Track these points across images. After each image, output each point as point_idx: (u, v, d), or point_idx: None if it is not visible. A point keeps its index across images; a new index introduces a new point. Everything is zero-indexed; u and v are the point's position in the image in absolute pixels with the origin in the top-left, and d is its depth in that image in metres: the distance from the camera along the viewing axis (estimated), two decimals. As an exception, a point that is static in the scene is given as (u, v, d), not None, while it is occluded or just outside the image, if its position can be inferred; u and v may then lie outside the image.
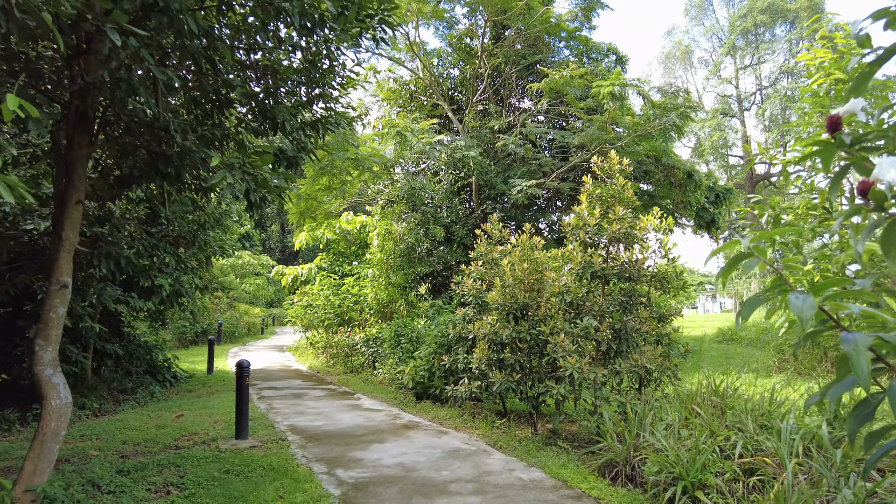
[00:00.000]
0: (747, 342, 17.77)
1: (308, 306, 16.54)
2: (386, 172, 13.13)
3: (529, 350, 7.01)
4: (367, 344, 13.33)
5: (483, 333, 6.99)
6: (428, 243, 13.19)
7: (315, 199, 13.14)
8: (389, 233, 15.12)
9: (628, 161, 6.55)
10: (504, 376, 6.76)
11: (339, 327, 16.10)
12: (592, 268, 6.23)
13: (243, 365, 6.80)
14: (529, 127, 11.98)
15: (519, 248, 7.11)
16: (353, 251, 20.38)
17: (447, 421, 8.03)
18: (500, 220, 10.65)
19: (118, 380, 10.52)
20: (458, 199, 13.25)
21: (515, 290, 6.98)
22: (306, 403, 9.50)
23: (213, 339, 13.28)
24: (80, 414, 8.76)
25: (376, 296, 15.59)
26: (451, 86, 15.62)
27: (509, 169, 13.01)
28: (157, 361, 11.75)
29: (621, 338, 6.41)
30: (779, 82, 49.06)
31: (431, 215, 12.59)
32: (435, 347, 9.18)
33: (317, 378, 12.89)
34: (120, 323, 11.42)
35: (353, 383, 11.87)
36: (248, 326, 24.73)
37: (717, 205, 14.46)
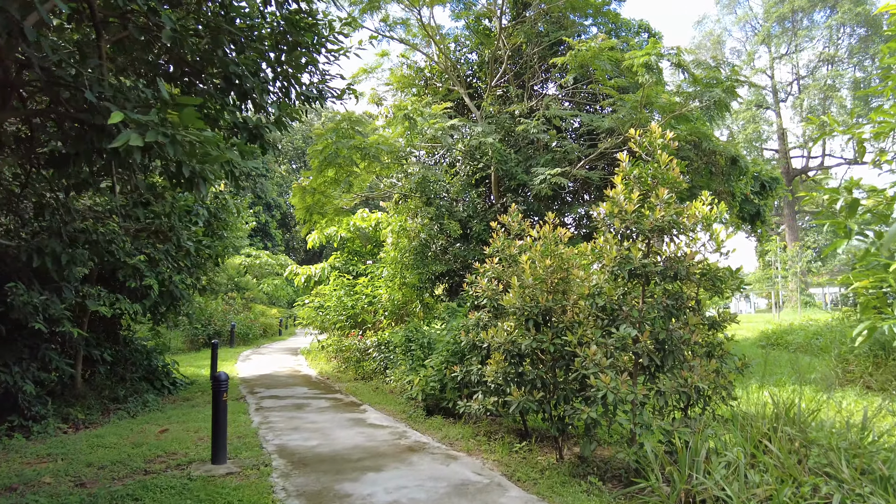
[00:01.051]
0: (794, 347, 16.28)
1: (319, 307, 15.70)
2: (398, 164, 12.16)
3: (553, 363, 5.93)
4: (379, 349, 12.39)
5: (498, 342, 5.93)
6: (443, 240, 12.18)
7: (322, 194, 12.25)
8: (404, 229, 14.17)
9: (672, 135, 5.40)
10: (523, 394, 5.69)
11: (351, 330, 15.22)
12: (631, 264, 5.12)
13: (220, 378, 5.89)
14: (554, 108, 10.84)
15: (540, 241, 6.03)
16: (368, 250, 19.51)
17: (458, 442, 7.00)
18: (522, 215, 9.68)
19: (110, 387, 9.80)
20: (476, 193, 12.20)
21: (536, 292, 5.90)
22: (306, 417, 8.59)
23: (217, 343, 12.53)
24: (60, 427, 8.03)
25: (391, 297, 14.66)
26: (468, 71, 14.57)
27: (531, 158, 11.90)
28: (156, 367, 11.01)
29: (665, 350, 5.28)
30: (818, 71, 46.55)
31: (447, 209, 11.57)
32: (447, 356, 8.16)
33: (324, 386, 12.01)
34: (117, 326, 10.73)
35: (362, 392, 10.94)
36: (265, 328, 24.11)
37: (762, 196, 13.08)
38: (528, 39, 12.55)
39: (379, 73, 14.94)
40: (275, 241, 44.84)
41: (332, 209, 13.53)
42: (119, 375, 10.18)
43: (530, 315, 5.76)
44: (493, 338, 6.02)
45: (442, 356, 8.18)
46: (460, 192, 11.91)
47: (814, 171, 46.39)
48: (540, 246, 5.95)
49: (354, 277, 17.73)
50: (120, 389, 9.82)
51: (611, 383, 4.91)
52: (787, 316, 29.79)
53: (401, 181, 13.40)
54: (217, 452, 5.84)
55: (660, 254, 5.50)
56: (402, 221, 14.17)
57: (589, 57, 9.17)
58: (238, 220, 12.54)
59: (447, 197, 12.17)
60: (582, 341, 5.44)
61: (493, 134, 10.73)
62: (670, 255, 5.39)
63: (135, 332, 11.88)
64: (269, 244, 43.04)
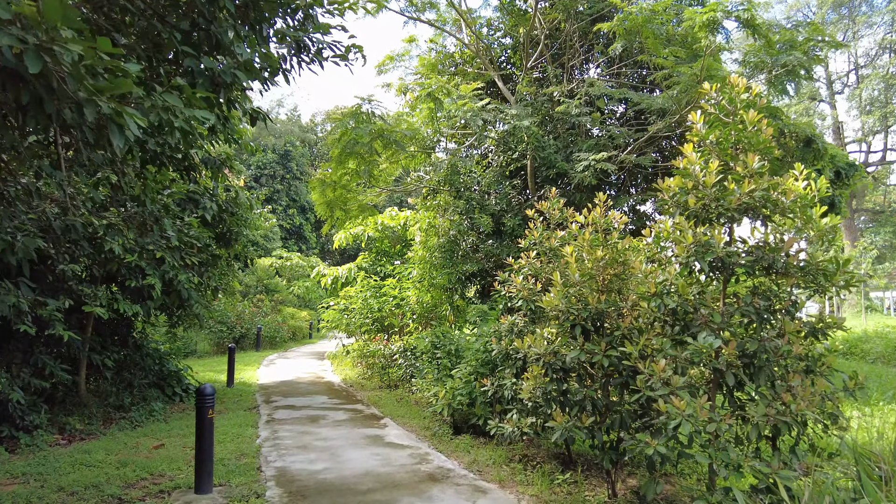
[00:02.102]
0: (873, 357, 14.48)
1: (344, 310, 14.85)
2: (424, 155, 11.16)
3: (606, 379, 4.79)
4: (404, 355, 11.41)
5: (537, 353, 4.83)
6: (474, 237, 11.12)
7: (344, 188, 11.36)
8: (433, 227, 13.17)
9: (761, 88, 4.20)
10: (569, 419, 4.56)
11: (377, 334, 14.30)
12: (712, 252, 3.93)
13: (204, 392, 4.99)
14: (598, 86, 9.62)
15: (589, 228, 4.90)
16: (397, 250, 18.61)
17: (489, 469, 5.91)
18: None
19: (116, 394, 9.13)
20: (510, 185, 11.07)
21: (585, 291, 4.78)
22: (318, 432, 7.65)
23: (234, 348, 11.80)
24: (54, 438, 7.33)
25: (419, 299, 13.67)
26: (501, 56, 13.47)
27: (571, 145, 10.71)
28: (168, 373, 10.32)
29: (754, 364, 4.06)
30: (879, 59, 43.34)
31: (477, 203, 10.50)
32: (476, 366, 7.08)
33: (346, 394, 11.09)
34: (128, 329, 10.11)
35: (385, 403, 9.96)
36: (294, 331, 23.53)
37: (837, 184, 11.50)
38: (568, 16, 11.38)
39: (407, 61, 14.02)
40: (309, 244, 44.66)
41: (355, 205, 12.64)
42: (126, 381, 9.51)
43: (577, 320, 4.63)
44: (529, 347, 4.92)
45: (470, 366, 7.11)
46: (492, 184, 10.82)
47: (874, 167, 43.19)
48: (589, 234, 4.82)
49: (382, 279, 16.84)
50: (126, 397, 9.13)
51: (686, 409, 3.75)
52: (850, 322, 27.46)
53: (429, 174, 12.40)
54: (200, 480, 4.93)
55: (745, 241, 4.29)
56: (431, 218, 13.17)
57: (640, 21, 7.94)
58: (257, 218, 11.79)
59: (478, 190, 11.10)
60: (645, 353, 4.28)
61: (529, 118, 9.61)
62: (759, 243, 4.17)
63: (147, 336, 11.28)
64: (303, 247, 42.88)
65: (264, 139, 45.88)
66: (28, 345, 7.59)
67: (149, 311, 8.52)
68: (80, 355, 8.25)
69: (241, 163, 41.97)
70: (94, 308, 7.26)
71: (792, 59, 7.39)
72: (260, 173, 42.15)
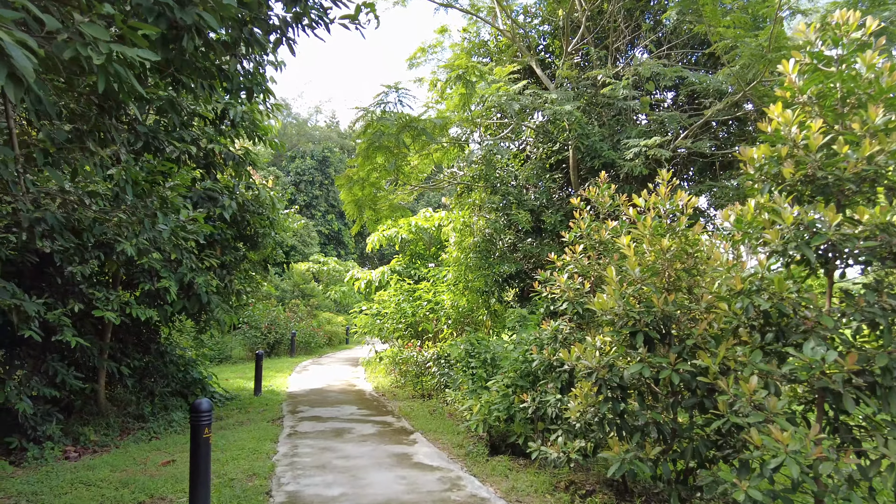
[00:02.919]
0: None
1: (377, 315, 14.23)
2: (458, 150, 10.42)
3: (675, 399, 3.88)
4: (437, 363, 10.65)
5: (588, 367, 3.97)
6: (511, 235, 10.27)
7: (373, 185, 10.74)
8: (467, 226, 12.39)
9: (878, 23, 3.24)
10: (628, 448, 3.69)
11: (411, 340, 13.62)
12: (821, 237, 3.01)
13: (199, 409, 4.36)
14: (647, 65, 8.64)
15: (651, 213, 4.02)
16: (432, 252, 17.93)
17: (530, 498, 5.06)
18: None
19: (136, 403, 8.73)
20: (551, 178, 10.18)
21: (646, 291, 3.90)
22: (342, 449, 6.97)
23: (261, 354, 11.33)
24: (64, 451, 6.93)
25: (454, 303, 12.91)
26: (539, 43, 12.61)
27: (618, 133, 9.74)
28: (193, 380, 9.90)
29: (880, 384, 3.10)
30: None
31: (515, 198, 9.67)
32: (514, 377, 6.24)
33: (376, 404, 10.42)
34: (152, 334, 9.76)
35: (417, 415, 9.22)
36: (330, 336, 23.15)
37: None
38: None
39: (440, 52, 13.35)
40: (348, 249, 44.67)
41: (385, 205, 12.01)
42: (148, 389, 9.12)
43: (639, 326, 3.75)
44: (578, 359, 4.06)
45: (508, 378, 6.27)
46: (531, 178, 9.96)
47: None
48: (651, 221, 3.94)
49: (416, 282, 16.18)
50: (147, 406, 8.73)
51: (791, 443, 2.83)
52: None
53: (462, 170, 11.65)
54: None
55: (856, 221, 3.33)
56: (465, 217, 12.41)
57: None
58: (284, 219, 11.31)
59: (515, 185, 10.26)
60: (727, 367, 3.38)
61: (571, 102, 8.73)
62: (882, 224, 3.20)
63: (173, 342, 10.93)
64: (342, 252, 42.89)
65: (303, 145, 46.27)
66: (41, 351, 7.24)
67: (167, 316, 8.05)
68: (99, 362, 7.85)
69: (281, 169, 42.47)
70: (105, 313, 6.82)
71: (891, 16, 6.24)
72: (299, 179, 42.46)
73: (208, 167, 8.79)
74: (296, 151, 45.16)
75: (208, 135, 8.54)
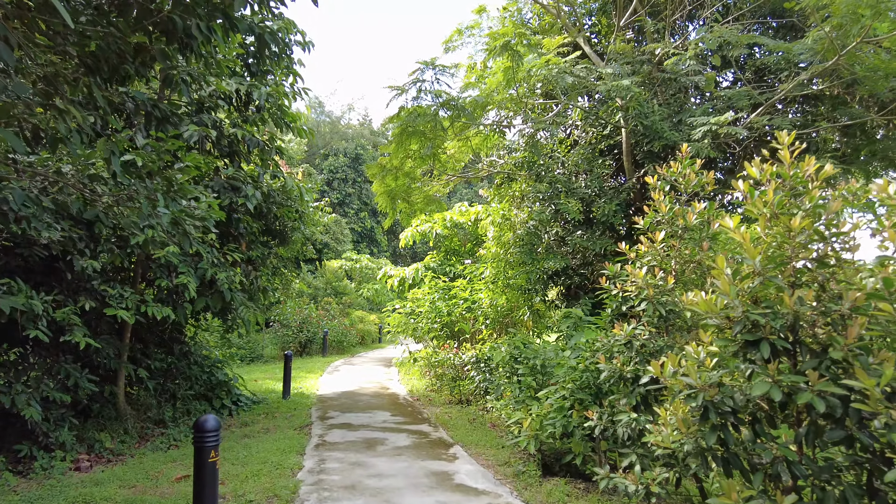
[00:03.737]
0: None
1: (411, 314, 13.50)
2: (499, 136, 9.55)
3: (813, 428, 2.95)
4: (477, 366, 9.83)
5: (690, 385, 3.07)
6: (558, 227, 9.35)
7: (407, 175, 9.98)
8: (507, 220, 11.53)
9: None
10: (752, 496, 2.78)
11: (446, 341, 12.83)
12: None
13: (205, 427, 3.64)
14: (718, 31, 7.58)
15: (772, 185, 3.08)
16: (468, 248, 17.11)
17: (600, 540, 4.19)
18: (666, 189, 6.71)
19: (157, 407, 8.21)
20: (604, 162, 9.20)
21: (762, 288, 2.97)
22: (374, 464, 6.22)
23: (290, 355, 10.73)
24: (74, 460, 6.40)
25: (492, 302, 12.06)
26: (584, 19, 11.61)
27: (680, 112, 8.70)
28: (218, 383, 9.35)
29: None
30: None
31: (563, 186, 8.74)
32: (573, 389, 5.35)
33: (411, 410, 9.66)
34: (177, 334, 9.25)
35: (456, 423, 8.42)
36: (363, 335, 22.60)
37: None
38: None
39: (477, 35, 12.49)
40: (381, 247, 44.34)
41: (420, 197, 11.24)
42: (170, 392, 8.59)
43: (763, 332, 2.83)
44: (675, 374, 3.16)
45: (565, 389, 5.39)
46: (581, 164, 9.01)
47: None
48: (773, 195, 3.00)
49: (451, 279, 15.39)
50: (168, 410, 8.19)
51: None
52: None
53: (503, 158, 10.78)
54: (199, 548, 3.58)
55: None
56: (505, 210, 11.54)
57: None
58: (314, 213, 10.66)
59: (563, 171, 9.32)
60: (892, 390, 2.44)
61: (628, 76, 7.76)
62: None
63: (198, 342, 10.44)
64: (374, 250, 42.55)
65: (336, 143, 46.19)
66: (55, 352, 6.73)
67: (186, 315, 7.47)
68: (115, 364, 7.32)
69: (314, 167, 42.37)
70: (118, 311, 6.24)
71: None
72: (332, 177, 42.34)
73: (232, 155, 8.18)
74: (329, 150, 45.10)
75: (233, 118, 7.93)
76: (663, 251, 4.32)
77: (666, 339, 4.10)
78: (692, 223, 4.15)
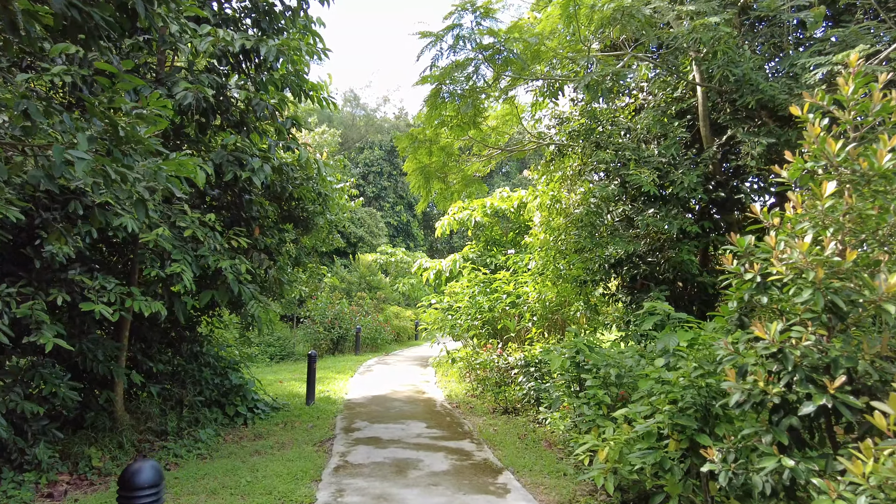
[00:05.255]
0: None
1: (448, 309, 12.21)
2: (550, 98, 8.09)
3: None
4: (526, 371, 8.44)
5: None
6: (624, 205, 7.84)
7: (443, 150, 8.64)
8: (557, 202, 10.07)
9: None
10: None
11: (488, 340, 11.48)
12: None
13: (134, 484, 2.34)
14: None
15: None
16: (510, 238, 15.67)
17: None
18: (763, 160, 5.41)
19: (160, 415, 7.18)
20: (680, 125, 7.61)
21: None
22: (404, 499, 4.94)
23: (315, 355, 9.59)
24: (49, 482, 5.38)
25: (540, 296, 10.65)
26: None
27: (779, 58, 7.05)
28: (232, 387, 8.29)
29: None
30: None
31: (632, 154, 7.23)
32: (673, 413, 3.90)
33: (450, 421, 8.35)
34: (188, 332, 8.25)
35: (503, 440, 7.06)
36: (398, 332, 21.48)
37: None
38: None
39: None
40: (417, 242, 43.33)
41: (458, 177, 9.89)
42: (176, 398, 7.55)
43: None
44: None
45: (662, 415, 3.94)
46: (653, 128, 7.45)
47: None
48: None
49: (492, 271, 14.01)
50: (172, 419, 7.14)
51: None
52: None
53: (554, 128, 9.31)
54: None
55: None
56: (555, 191, 10.08)
57: None
58: (339, 195, 9.47)
59: (630, 138, 7.77)
60: None
61: (716, 15, 6.19)
62: None
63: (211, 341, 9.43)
64: (410, 244, 41.56)
65: (371, 136, 45.45)
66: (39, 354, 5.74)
67: (185, 311, 6.37)
68: (103, 368, 6.28)
69: (349, 160, 41.65)
70: (95, 306, 5.15)
71: None
72: (367, 171, 41.56)
73: (241, 126, 7.03)
74: (364, 143, 44.39)
75: (240, 82, 6.77)
76: (826, 214, 2.84)
77: (844, 346, 2.63)
78: (884, 166, 2.65)
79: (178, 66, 7.01)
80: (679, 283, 8.62)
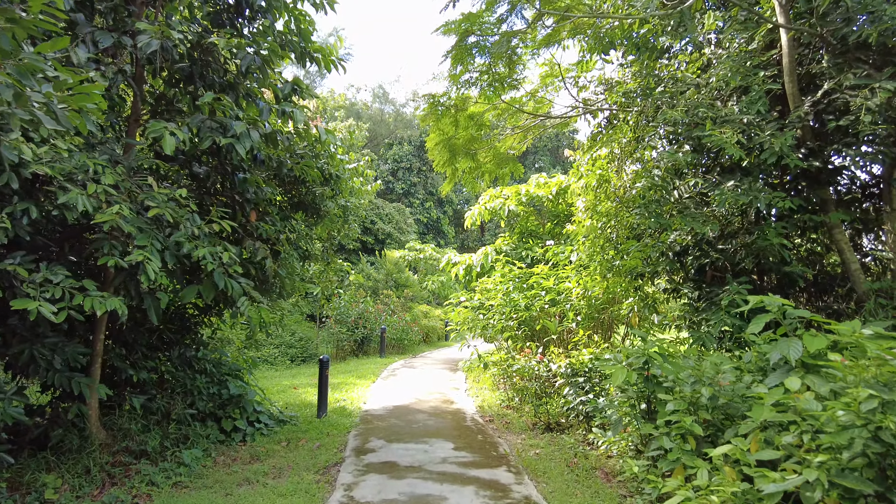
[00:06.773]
0: None
1: (479, 308, 10.90)
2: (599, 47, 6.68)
3: None
4: (574, 382, 7.05)
5: None
6: (696, 178, 6.36)
7: (471, 120, 7.34)
8: (606, 182, 8.65)
9: None
10: None
11: (526, 342, 10.11)
12: None
13: None
14: None
15: None
16: (548, 229, 14.23)
17: None
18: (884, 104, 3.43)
19: (142, 431, 6.10)
20: (764, 77, 6.08)
21: None
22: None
23: (327, 360, 8.43)
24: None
25: (585, 291, 9.23)
26: None
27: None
28: (228, 397, 7.19)
29: None
30: None
31: (707, 110, 5.77)
32: (829, 466, 2.51)
33: (482, 440, 7.04)
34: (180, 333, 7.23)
35: (548, 469, 5.71)
36: (426, 332, 20.28)
37: None
38: None
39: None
40: (447, 239, 42.14)
41: (489, 155, 8.56)
42: (163, 411, 6.48)
43: None
44: None
45: (812, 471, 2.54)
46: (732, 79, 5.94)
47: None
48: None
49: (528, 266, 12.62)
50: (155, 436, 6.05)
51: None
52: None
53: (603, 94, 7.89)
54: None
55: None
56: (604, 168, 8.65)
57: None
58: (352, 174, 8.27)
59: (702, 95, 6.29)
60: None
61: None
62: None
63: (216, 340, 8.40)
64: (441, 241, 40.39)
65: (400, 131, 44.50)
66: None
67: (158, 309, 5.25)
68: (62, 380, 5.22)
69: (378, 156, 40.75)
70: (30, 303, 4.06)
71: None
72: (396, 167, 40.63)
73: (225, 88, 5.88)
74: (393, 138, 43.47)
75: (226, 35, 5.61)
76: None
77: None
78: None
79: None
80: (755, 275, 7.09)
